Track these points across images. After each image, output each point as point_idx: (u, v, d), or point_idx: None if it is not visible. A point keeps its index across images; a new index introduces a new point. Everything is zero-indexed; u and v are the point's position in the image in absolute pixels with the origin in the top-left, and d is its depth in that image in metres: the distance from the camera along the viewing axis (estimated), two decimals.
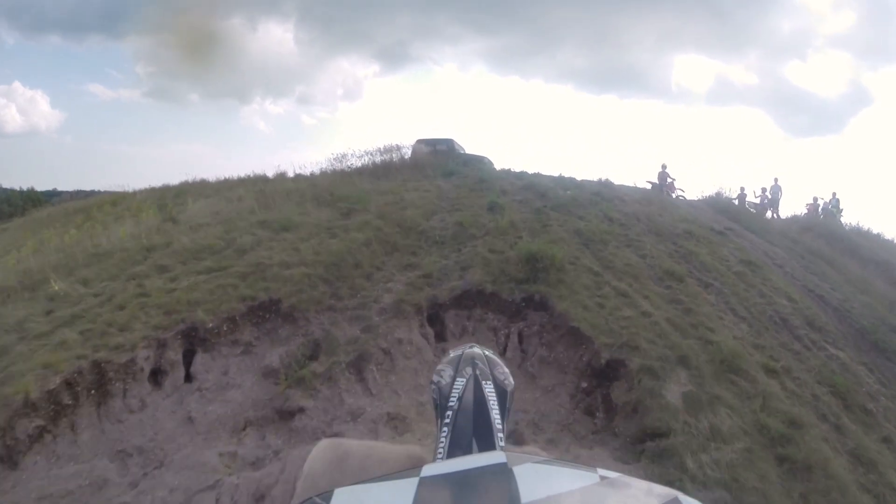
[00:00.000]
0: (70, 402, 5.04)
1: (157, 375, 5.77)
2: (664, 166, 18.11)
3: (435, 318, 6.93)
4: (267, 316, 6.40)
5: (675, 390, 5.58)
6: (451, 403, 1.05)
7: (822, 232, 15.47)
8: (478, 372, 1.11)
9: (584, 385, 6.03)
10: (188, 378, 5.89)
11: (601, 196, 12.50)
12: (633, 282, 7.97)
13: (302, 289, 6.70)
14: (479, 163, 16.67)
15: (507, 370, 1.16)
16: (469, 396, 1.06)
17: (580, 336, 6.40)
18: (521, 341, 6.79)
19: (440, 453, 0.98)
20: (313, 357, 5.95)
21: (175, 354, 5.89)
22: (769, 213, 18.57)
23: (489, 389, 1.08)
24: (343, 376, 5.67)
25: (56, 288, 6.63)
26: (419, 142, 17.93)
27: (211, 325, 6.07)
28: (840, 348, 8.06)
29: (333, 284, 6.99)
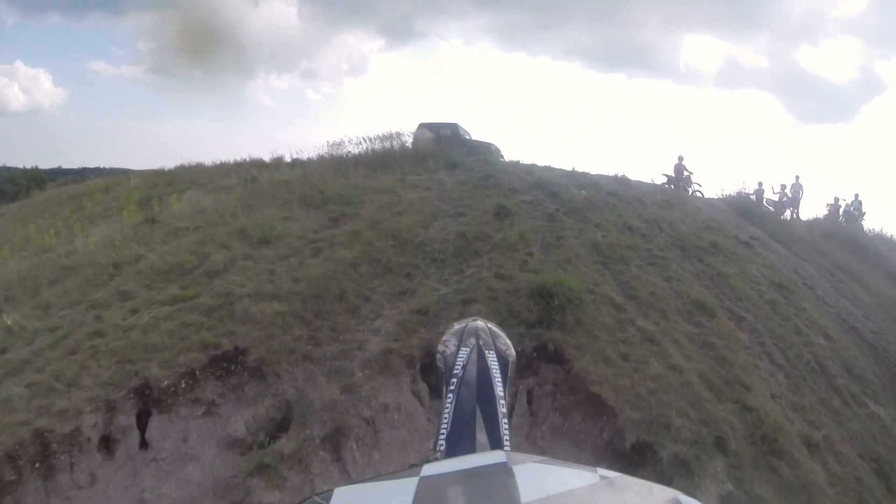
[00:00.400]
0: (13, 478, 4.34)
1: (108, 442, 4.89)
2: (681, 158, 16.70)
3: (430, 368, 5.92)
4: (232, 369, 5.40)
5: (711, 490, 4.65)
6: (455, 371, 1.10)
7: (846, 239, 14.52)
8: (481, 342, 1.15)
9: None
10: (143, 444, 4.99)
11: (618, 197, 11.33)
12: (660, 319, 6.97)
13: (273, 333, 5.67)
14: (485, 150, 15.35)
15: (508, 342, 1.20)
16: (472, 366, 1.10)
17: (601, 404, 5.42)
18: (530, 401, 5.80)
19: (445, 420, 1.04)
20: (283, 427, 4.99)
21: (127, 418, 4.98)
22: (788, 213, 17.23)
23: (492, 359, 1.12)
24: (316, 456, 4.70)
25: (9, 322, 5.97)
26: (422, 126, 16.09)
27: (167, 382, 5.09)
28: (880, 403, 7.27)
29: (311, 325, 5.95)
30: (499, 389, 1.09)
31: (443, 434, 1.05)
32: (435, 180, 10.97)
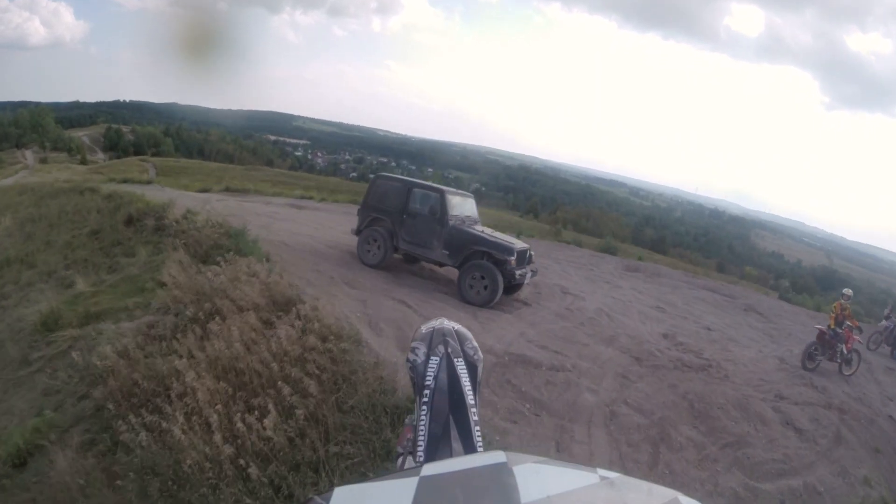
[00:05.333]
0: None
1: None
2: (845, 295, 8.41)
3: None
4: None
5: None
6: (427, 382, 1.11)
7: None
8: (450, 350, 1.14)
9: None
10: None
11: None
12: None
13: None
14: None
15: (475, 344, 1.19)
16: (443, 376, 1.11)
17: None
18: None
19: (422, 430, 1.06)
20: None
21: None
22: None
23: (461, 367, 1.13)
24: None
25: None
26: (381, 179, 9.59)
27: None
28: None
29: None
30: (469, 398, 1.10)
31: (420, 445, 1.07)
32: None
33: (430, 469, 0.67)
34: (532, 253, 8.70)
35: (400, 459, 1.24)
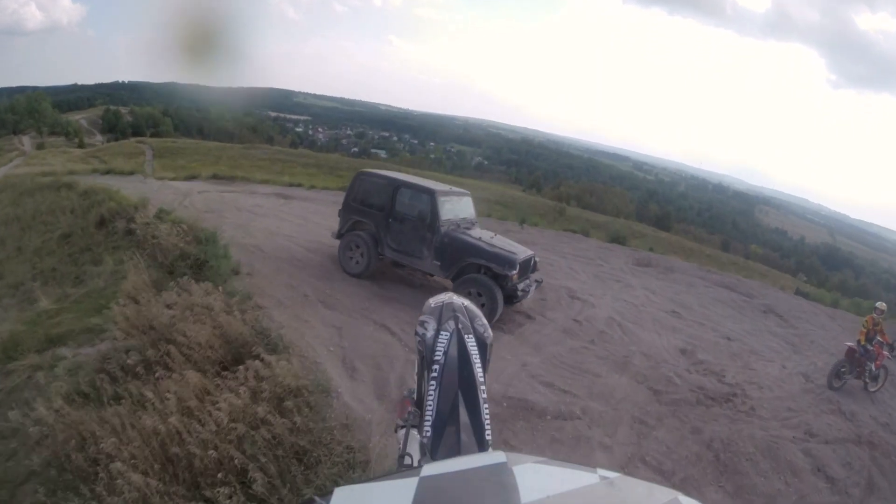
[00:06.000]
0: None
1: None
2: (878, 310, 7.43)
3: None
4: None
5: None
6: (437, 357, 1.10)
7: None
8: (460, 326, 1.13)
9: None
10: None
11: None
12: None
13: None
14: None
15: (485, 322, 1.18)
16: (454, 352, 1.10)
17: None
18: None
19: (430, 405, 1.06)
20: None
21: None
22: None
23: (471, 344, 1.12)
24: None
25: None
26: (364, 176, 8.01)
27: None
28: None
29: None
30: (479, 375, 1.12)
31: (427, 420, 1.07)
32: None
33: (430, 469, 0.65)
34: (536, 260, 7.74)
35: (401, 432, 1.19)
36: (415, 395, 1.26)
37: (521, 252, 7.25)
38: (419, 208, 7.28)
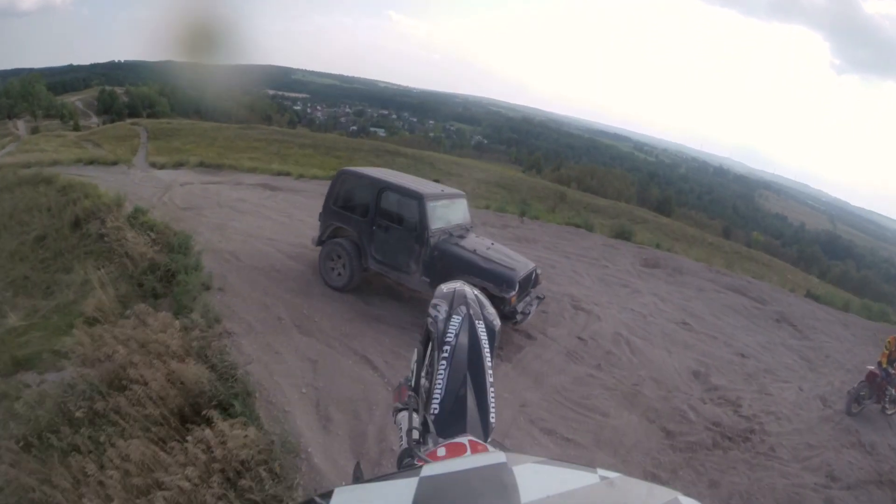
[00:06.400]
0: None
1: None
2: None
3: None
4: None
5: None
6: (448, 339, 1.14)
7: None
8: (471, 312, 1.18)
9: None
10: None
11: None
12: None
13: None
14: None
15: (493, 311, 1.25)
16: (464, 336, 1.15)
17: None
18: None
19: (439, 384, 1.10)
20: None
21: None
22: None
23: (481, 330, 1.17)
24: None
25: None
26: (345, 175, 7.02)
27: None
28: None
29: None
30: (487, 360, 1.17)
31: (436, 398, 1.10)
32: None
33: (430, 469, 0.64)
34: (539, 272, 7.08)
35: (400, 415, 1.20)
36: (412, 383, 1.27)
37: (522, 266, 6.54)
38: (406, 215, 6.48)
